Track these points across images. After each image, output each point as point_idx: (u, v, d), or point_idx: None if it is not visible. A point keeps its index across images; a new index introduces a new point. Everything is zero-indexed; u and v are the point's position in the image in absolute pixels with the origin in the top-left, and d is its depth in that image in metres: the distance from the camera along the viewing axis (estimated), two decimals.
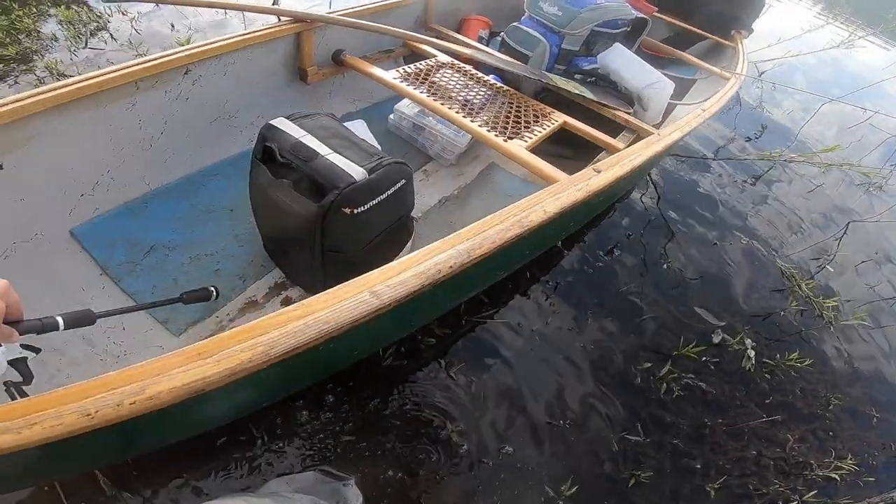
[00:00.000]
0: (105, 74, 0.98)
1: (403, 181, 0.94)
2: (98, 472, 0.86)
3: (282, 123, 0.97)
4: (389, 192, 0.91)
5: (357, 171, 0.85)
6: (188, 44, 2.23)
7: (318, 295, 0.62)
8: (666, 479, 1.19)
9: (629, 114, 1.49)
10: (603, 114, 1.47)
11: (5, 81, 1.88)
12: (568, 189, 0.94)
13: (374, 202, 0.88)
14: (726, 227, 2.01)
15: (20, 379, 0.65)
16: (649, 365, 1.39)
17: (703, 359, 1.45)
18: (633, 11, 1.80)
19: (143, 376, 0.48)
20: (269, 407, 0.99)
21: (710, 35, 2.46)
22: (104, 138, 1.05)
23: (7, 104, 0.85)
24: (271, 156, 0.94)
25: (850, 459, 1.33)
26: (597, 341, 1.41)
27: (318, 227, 0.86)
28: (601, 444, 1.20)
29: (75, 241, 1.03)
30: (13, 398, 0.62)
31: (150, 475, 0.90)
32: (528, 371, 1.27)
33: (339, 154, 0.91)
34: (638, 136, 1.42)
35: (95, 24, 2.38)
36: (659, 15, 2.50)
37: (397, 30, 1.43)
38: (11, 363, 0.63)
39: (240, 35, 1.21)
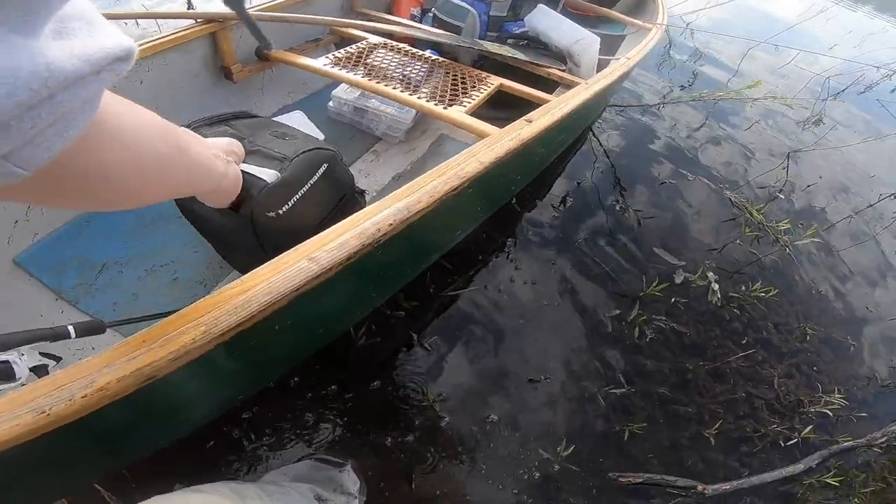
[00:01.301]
0: None
1: (325, 165, 0.89)
2: (100, 488, 0.84)
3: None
4: (312, 181, 0.86)
5: (268, 174, 0.79)
6: None
7: (256, 269, 0.59)
8: (661, 428, 1.18)
9: (563, 70, 1.48)
10: (538, 73, 1.46)
11: None
12: (502, 139, 0.93)
13: (297, 197, 0.83)
14: (674, 168, 2.03)
15: None
16: (618, 311, 1.39)
17: (672, 299, 1.45)
18: None
19: (91, 370, 0.47)
20: (252, 403, 0.96)
21: None
22: None
23: None
24: None
25: (839, 394, 1.34)
26: (563, 294, 1.39)
27: (252, 234, 0.81)
28: (587, 400, 1.18)
29: (22, 270, 0.96)
30: None
31: (148, 483, 0.87)
32: (501, 333, 1.25)
33: (246, 163, 0.84)
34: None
35: None
36: None
37: (318, 17, 1.37)
38: (33, 370, 0.60)
39: (150, 41, 1.13)
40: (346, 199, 0.99)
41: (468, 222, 1.28)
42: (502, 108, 1.40)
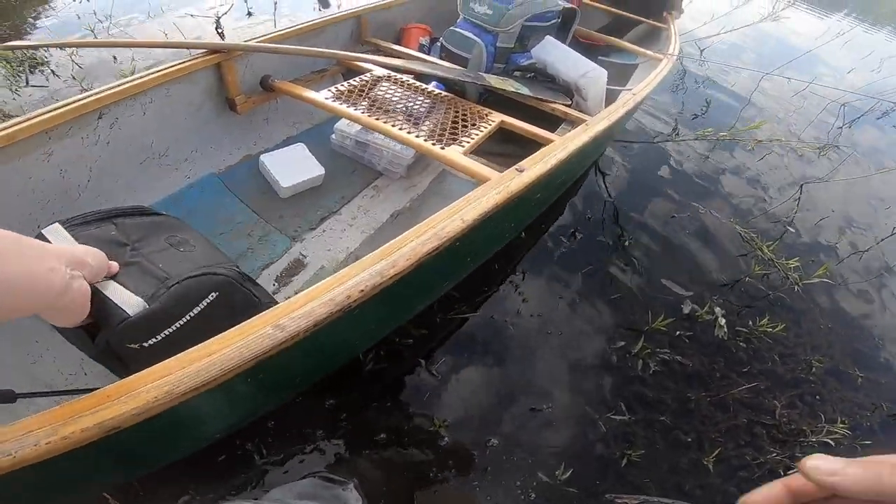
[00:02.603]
0: (10, 127, 0.87)
1: (214, 294, 0.73)
2: (108, 496, 0.85)
3: (53, 234, 0.73)
4: (192, 313, 0.70)
5: (131, 304, 0.65)
6: (132, 75, 2.14)
7: (224, 333, 0.58)
8: (660, 455, 1.16)
9: (567, 105, 1.42)
10: (542, 109, 1.40)
11: None
12: (488, 193, 0.87)
13: (170, 330, 0.68)
14: (683, 201, 1.97)
15: None
16: (623, 343, 1.36)
17: (677, 332, 1.41)
18: (561, 2, 1.74)
19: (57, 419, 0.49)
20: (260, 420, 0.98)
21: (643, 19, 2.41)
22: (26, 193, 0.95)
23: None
24: None
25: (842, 423, 1.29)
26: (569, 325, 1.37)
27: (115, 363, 0.68)
28: (588, 426, 1.17)
29: None
30: None
31: (155, 494, 0.90)
32: (505, 361, 1.24)
33: (114, 282, 0.68)
34: (576, 127, 1.36)
35: (31, 60, 2.25)
36: (593, 3, 2.45)
37: (319, 50, 1.32)
38: None
39: (153, 73, 1.10)
40: (248, 314, 0.74)
41: (455, 274, 1.23)
42: (506, 143, 1.35)
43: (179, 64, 1.15)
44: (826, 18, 5.49)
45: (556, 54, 1.57)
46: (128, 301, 0.64)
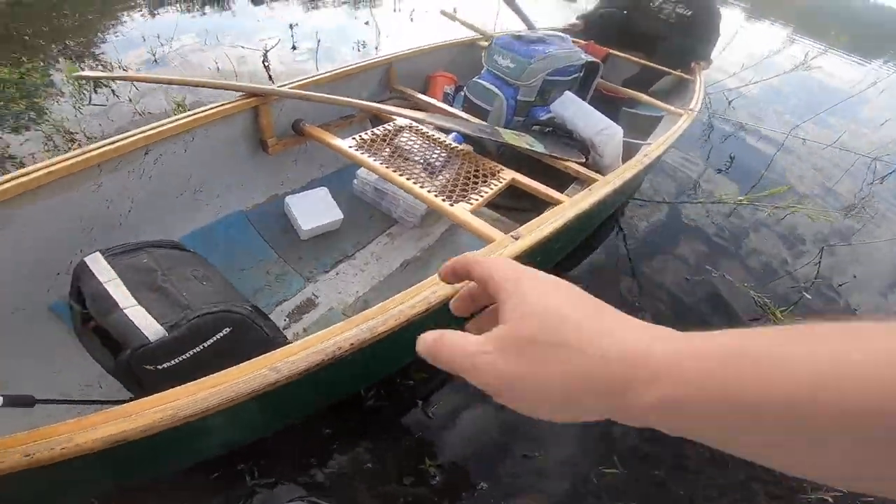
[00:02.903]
0: (70, 159, 0.98)
1: (228, 329, 0.82)
2: None
3: (94, 262, 0.86)
4: (206, 343, 0.80)
5: (153, 330, 0.75)
6: (182, 105, 2.26)
7: (229, 369, 0.66)
8: None
9: (581, 163, 1.45)
10: (555, 166, 1.43)
11: (20, 134, 1.97)
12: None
13: (183, 357, 0.78)
14: (698, 263, 1.96)
15: None
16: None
17: None
18: (584, 56, 1.76)
19: (74, 429, 0.57)
20: (258, 443, 1.03)
21: (670, 70, 2.42)
22: (74, 220, 1.05)
23: None
24: (81, 298, 0.84)
25: None
26: None
27: (130, 379, 0.78)
28: (578, 479, 1.17)
29: (53, 315, 1.03)
30: None
31: None
32: (500, 408, 1.24)
33: (142, 307, 0.80)
34: (588, 186, 1.38)
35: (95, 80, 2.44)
36: (620, 54, 2.48)
37: (346, 99, 1.40)
38: None
39: (195, 113, 1.20)
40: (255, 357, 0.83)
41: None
42: (519, 197, 1.38)
43: (221, 106, 1.24)
44: (862, 66, 5.35)
45: (573, 110, 1.60)
46: (150, 327, 0.76)
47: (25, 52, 2.73)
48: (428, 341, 0.23)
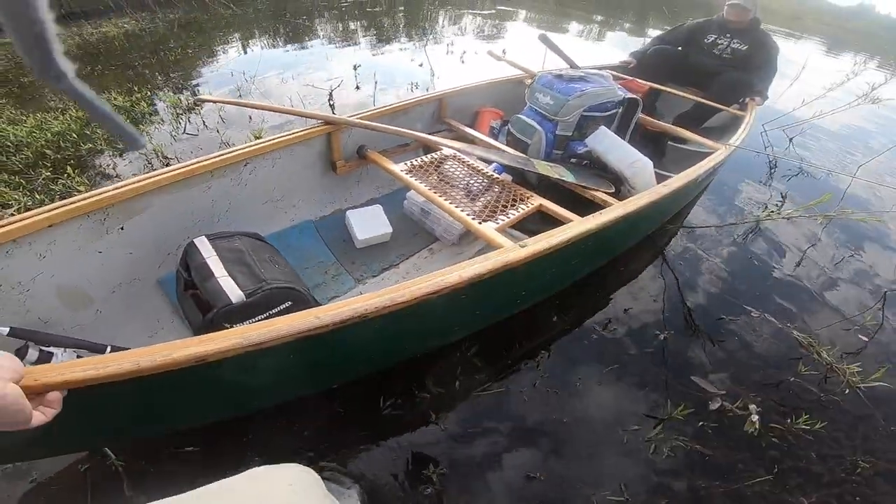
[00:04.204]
0: (193, 164, 1.35)
1: (289, 303, 1.10)
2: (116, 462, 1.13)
3: (200, 243, 1.20)
4: (271, 311, 1.08)
5: (236, 295, 1.03)
6: (259, 135, 2.74)
7: (280, 318, 0.84)
8: None
9: (610, 193, 1.66)
10: (584, 195, 1.66)
11: (124, 158, 2.48)
12: (489, 259, 1.08)
13: (252, 321, 1.02)
14: (738, 299, 2.00)
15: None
16: (637, 427, 1.42)
17: (700, 423, 1.44)
18: (622, 93, 1.97)
19: (166, 350, 0.73)
20: (271, 431, 1.25)
21: (722, 107, 2.57)
22: (188, 212, 1.41)
23: (130, 184, 1.23)
24: (188, 268, 1.17)
25: None
26: (582, 403, 1.47)
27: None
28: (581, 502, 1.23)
29: (159, 287, 1.40)
30: None
31: (160, 473, 1.15)
32: (511, 429, 1.37)
33: (231, 278, 1.09)
34: None
35: (188, 113, 2.99)
36: (667, 90, 2.68)
37: (403, 130, 1.72)
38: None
39: (282, 136, 1.56)
40: None
41: (464, 323, 1.43)
42: (551, 225, 1.61)
43: (302, 131, 1.62)
44: None
45: (606, 144, 1.84)
46: (234, 292, 1.07)
47: (136, 81, 3.45)
48: None
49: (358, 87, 3.66)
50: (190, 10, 5.84)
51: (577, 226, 1.29)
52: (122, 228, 1.27)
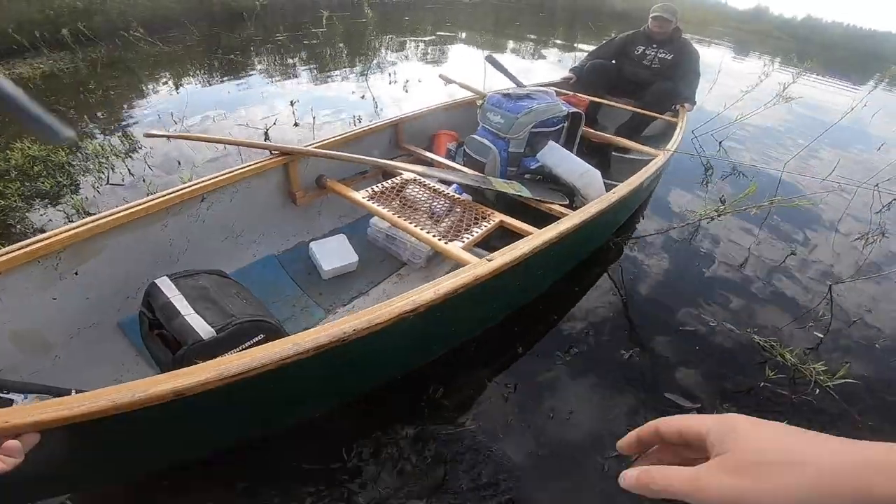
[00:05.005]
0: (148, 202, 1.35)
1: (261, 335, 1.13)
2: None
3: (162, 283, 1.22)
4: (244, 346, 1.10)
5: (205, 331, 1.06)
6: (190, 181, 2.67)
7: (270, 342, 0.89)
8: None
9: (565, 205, 1.82)
10: (541, 209, 1.81)
11: (42, 216, 2.33)
12: (459, 275, 1.15)
13: (224, 356, 1.02)
14: (693, 307, 2.07)
15: None
16: (616, 454, 1.37)
17: None
18: (566, 108, 2.18)
19: (141, 388, 0.75)
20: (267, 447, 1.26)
21: (657, 115, 2.87)
22: (146, 253, 1.41)
23: (82, 225, 1.22)
24: (151, 310, 1.18)
25: None
26: (560, 436, 1.47)
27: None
28: None
29: (121, 330, 1.38)
30: None
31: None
32: (492, 469, 1.37)
33: (198, 315, 1.11)
34: None
35: (110, 163, 2.87)
36: (606, 102, 2.97)
37: (361, 157, 1.81)
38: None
39: (240, 168, 1.59)
40: None
41: (442, 339, 1.50)
42: (510, 239, 1.72)
43: (259, 163, 1.65)
44: (846, 90, 5.75)
45: (556, 158, 2.03)
46: (203, 329, 1.09)
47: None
48: (633, 475, 0.31)
49: (296, 124, 3.69)
50: (114, 47, 5.71)
51: (537, 237, 1.39)
52: (76, 273, 1.26)
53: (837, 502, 0.25)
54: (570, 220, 1.52)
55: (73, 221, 2.26)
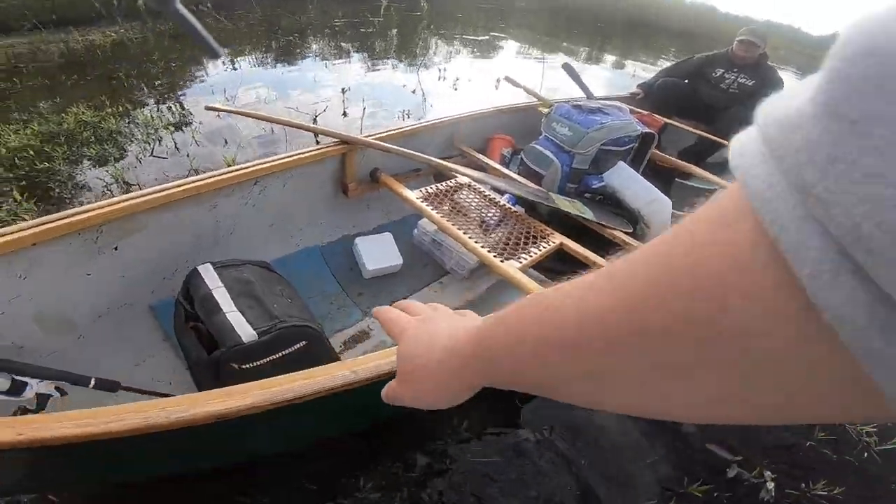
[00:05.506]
0: (198, 181, 1.29)
1: (304, 342, 1.05)
2: None
3: (205, 271, 1.14)
4: (285, 352, 1.02)
5: (247, 333, 0.98)
6: (233, 163, 2.58)
7: (313, 371, 0.83)
8: None
9: (629, 233, 1.68)
10: (603, 234, 1.67)
11: (81, 180, 2.36)
12: None
13: (263, 361, 0.99)
14: None
15: (33, 408, 0.92)
16: (655, 502, 1.38)
17: (715, 494, 1.42)
18: (639, 127, 2.01)
19: (184, 402, 0.70)
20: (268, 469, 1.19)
21: (727, 143, 2.67)
22: (189, 233, 1.36)
23: (128, 200, 1.16)
24: (189, 299, 1.11)
25: None
26: (596, 481, 1.41)
27: (211, 374, 0.98)
28: None
29: (151, 314, 1.33)
30: None
31: None
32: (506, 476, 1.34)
33: (240, 313, 1.04)
34: None
35: (166, 128, 2.87)
36: (678, 124, 2.77)
37: (421, 155, 1.71)
38: (38, 395, 0.90)
39: (297, 153, 1.52)
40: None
41: None
42: (564, 261, 1.60)
43: (318, 149, 1.58)
44: None
45: (625, 180, 1.88)
46: (244, 330, 1.01)
47: (114, 94, 3.36)
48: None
49: (345, 114, 3.65)
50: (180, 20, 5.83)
51: None
52: (115, 249, 1.21)
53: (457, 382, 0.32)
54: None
55: (110, 190, 2.30)
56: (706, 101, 3.01)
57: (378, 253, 1.70)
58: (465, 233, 1.48)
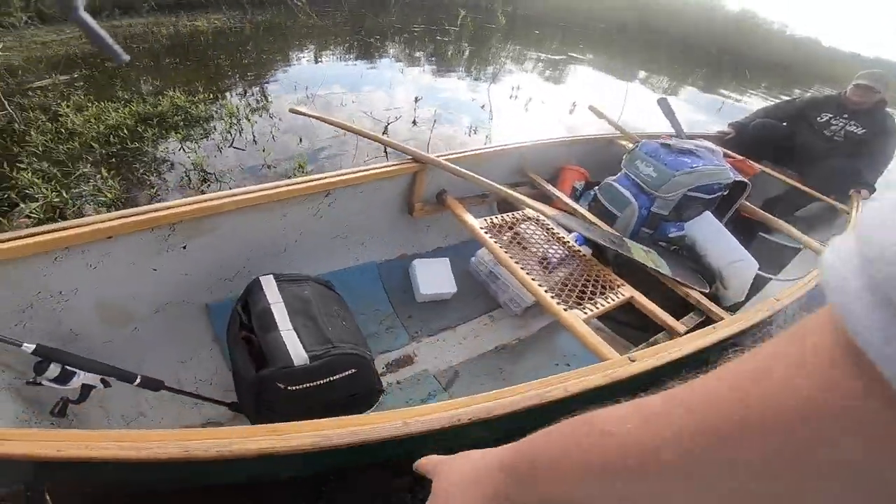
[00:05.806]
0: (272, 189, 1.29)
1: (353, 370, 1.03)
2: None
3: (267, 283, 1.14)
4: (333, 378, 1.00)
5: (299, 356, 0.96)
6: (303, 166, 2.60)
7: (372, 413, 0.79)
8: None
9: (703, 293, 1.51)
10: (675, 290, 1.52)
11: (165, 164, 2.46)
12: (595, 373, 0.98)
13: (311, 385, 0.97)
14: None
15: (76, 398, 0.94)
16: None
17: None
18: (732, 175, 1.82)
19: (227, 435, 0.68)
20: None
21: (822, 196, 2.38)
22: (254, 239, 1.37)
23: (202, 201, 1.18)
24: (247, 310, 1.11)
25: None
26: None
27: (255, 390, 0.97)
28: None
29: (206, 313, 1.35)
30: (56, 411, 0.93)
31: None
32: None
33: (295, 332, 1.02)
34: (707, 318, 1.43)
35: (248, 119, 2.95)
36: (771, 172, 2.52)
37: (490, 182, 1.62)
38: (83, 386, 0.92)
39: (371, 168, 1.51)
40: (354, 398, 1.10)
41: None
42: (629, 312, 1.47)
43: (392, 165, 1.56)
44: None
45: (708, 233, 1.70)
46: (297, 352, 0.99)
47: (207, 80, 3.55)
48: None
49: (415, 122, 3.65)
50: (277, 13, 6.16)
51: (690, 342, 1.16)
52: (184, 247, 1.24)
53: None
54: (731, 325, 1.25)
55: (188, 176, 2.39)
56: (806, 147, 2.70)
57: (433, 277, 1.65)
58: (525, 269, 1.40)
